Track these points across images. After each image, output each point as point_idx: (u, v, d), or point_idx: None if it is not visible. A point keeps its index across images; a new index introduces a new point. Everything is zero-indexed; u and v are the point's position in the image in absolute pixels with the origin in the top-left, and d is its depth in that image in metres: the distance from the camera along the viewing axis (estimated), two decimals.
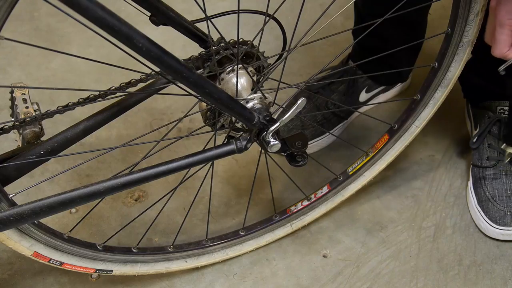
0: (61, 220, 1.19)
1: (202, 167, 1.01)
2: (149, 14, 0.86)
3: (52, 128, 1.08)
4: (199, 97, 0.85)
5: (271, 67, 0.91)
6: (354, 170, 1.14)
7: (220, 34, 0.85)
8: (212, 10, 0.84)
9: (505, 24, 0.82)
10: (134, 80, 0.93)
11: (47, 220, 0.90)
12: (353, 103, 1.38)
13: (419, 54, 1.36)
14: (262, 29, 0.84)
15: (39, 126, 0.90)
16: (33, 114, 0.88)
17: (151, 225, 1.07)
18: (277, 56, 0.94)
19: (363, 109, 1.42)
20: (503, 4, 0.81)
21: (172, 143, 0.99)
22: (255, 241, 1.15)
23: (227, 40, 0.87)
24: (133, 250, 1.03)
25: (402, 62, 1.35)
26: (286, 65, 0.94)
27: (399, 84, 1.46)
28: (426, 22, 1.31)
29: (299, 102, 0.82)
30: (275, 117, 0.88)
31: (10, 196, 0.82)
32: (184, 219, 1.11)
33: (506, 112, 1.26)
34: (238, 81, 0.87)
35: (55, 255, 0.92)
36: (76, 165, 0.96)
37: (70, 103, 0.89)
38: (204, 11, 0.77)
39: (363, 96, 1.39)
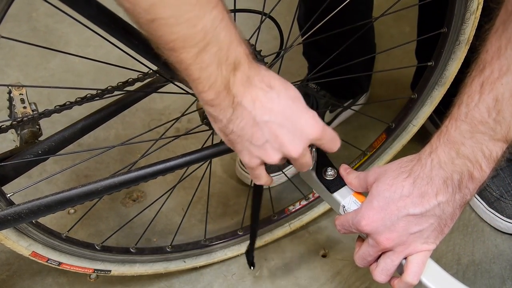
0: (59, 221, 1.19)
1: (200, 165, 1.01)
2: None
3: (50, 128, 1.08)
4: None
5: (268, 66, 0.91)
6: None
7: None
8: None
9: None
10: (131, 79, 0.94)
11: (46, 221, 0.90)
12: None
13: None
14: (258, 28, 0.85)
15: (37, 126, 0.90)
16: (31, 114, 0.88)
17: (149, 225, 1.07)
18: (274, 55, 0.94)
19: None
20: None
21: (170, 141, 0.99)
22: None
23: None
24: (131, 250, 1.03)
25: (359, 72, 1.33)
26: (284, 64, 0.94)
27: (362, 96, 1.42)
28: (373, 27, 1.31)
29: None
30: None
31: (8, 195, 0.82)
32: (182, 219, 1.10)
33: None
34: None
35: (53, 255, 0.92)
36: (74, 164, 0.96)
37: (68, 103, 0.89)
38: None
39: (327, 117, 1.36)
